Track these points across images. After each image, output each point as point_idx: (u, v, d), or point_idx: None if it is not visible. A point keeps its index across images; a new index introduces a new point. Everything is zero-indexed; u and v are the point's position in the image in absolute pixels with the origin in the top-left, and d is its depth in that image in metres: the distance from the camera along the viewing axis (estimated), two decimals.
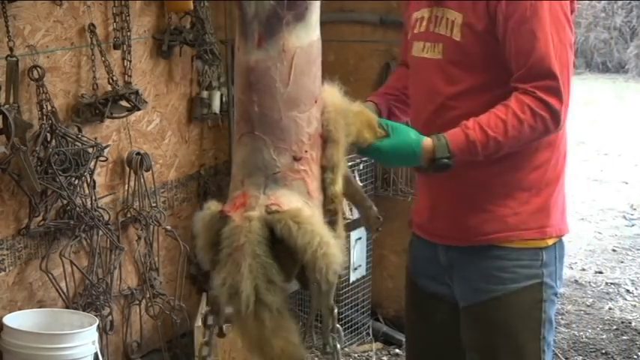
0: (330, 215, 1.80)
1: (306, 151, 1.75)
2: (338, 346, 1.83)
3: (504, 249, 2.19)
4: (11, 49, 3.08)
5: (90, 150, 3.37)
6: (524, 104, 2.04)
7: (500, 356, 2.23)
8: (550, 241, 2.22)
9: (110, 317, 3.56)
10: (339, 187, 1.82)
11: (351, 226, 3.72)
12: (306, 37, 1.73)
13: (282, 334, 1.71)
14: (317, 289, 1.76)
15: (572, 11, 2.15)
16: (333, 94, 1.87)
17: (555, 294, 2.26)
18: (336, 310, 1.81)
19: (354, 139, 1.94)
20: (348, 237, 3.92)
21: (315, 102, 1.77)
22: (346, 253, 4.18)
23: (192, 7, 3.77)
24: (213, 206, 1.77)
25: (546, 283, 2.21)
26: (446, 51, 2.16)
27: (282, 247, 1.70)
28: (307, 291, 1.85)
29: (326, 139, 1.80)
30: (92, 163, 3.40)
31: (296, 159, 1.74)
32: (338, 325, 1.83)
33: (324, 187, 1.80)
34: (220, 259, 1.70)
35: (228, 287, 1.66)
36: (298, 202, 1.72)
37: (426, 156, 2.04)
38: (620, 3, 13.62)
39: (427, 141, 2.04)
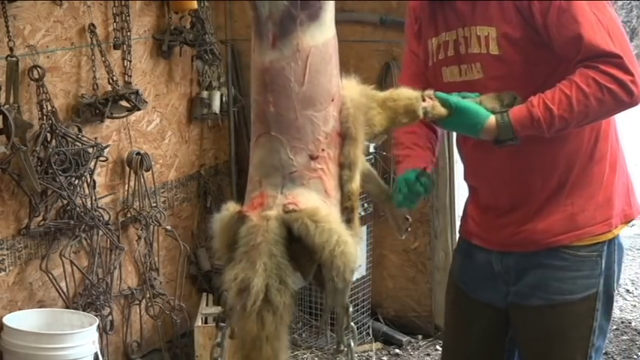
0: (347, 213, 1.80)
1: (323, 150, 1.75)
2: (352, 344, 1.84)
3: (566, 255, 2.18)
4: (11, 49, 3.08)
5: (90, 150, 3.37)
6: (589, 77, 1.96)
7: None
8: (616, 231, 2.25)
9: (110, 317, 3.56)
10: (356, 184, 1.81)
11: None
12: (321, 36, 1.73)
13: (275, 342, 1.70)
14: (332, 288, 1.76)
15: None
16: (352, 89, 1.85)
17: (610, 299, 2.27)
18: (351, 309, 1.82)
19: (390, 124, 1.92)
20: None
21: (332, 100, 1.77)
22: None
23: (196, 7, 3.78)
24: (231, 207, 1.77)
25: (602, 291, 2.22)
26: (486, 68, 2.11)
27: (300, 246, 1.70)
28: (324, 290, 1.84)
29: (344, 137, 1.80)
30: (92, 163, 3.40)
31: (313, 158, 1.74)
32: (352, 324, 1.83)
33: (342, 185, 1.79)
34: (235, 257, 1.70)
35: (240, 282, 1.66)
36: (316, 201, 1.72)
37: (489, 136, 2.01)
38: (620, 3, 13.62)
39: (491, 121, 2.00)
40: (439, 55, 2.20)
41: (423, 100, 1.97)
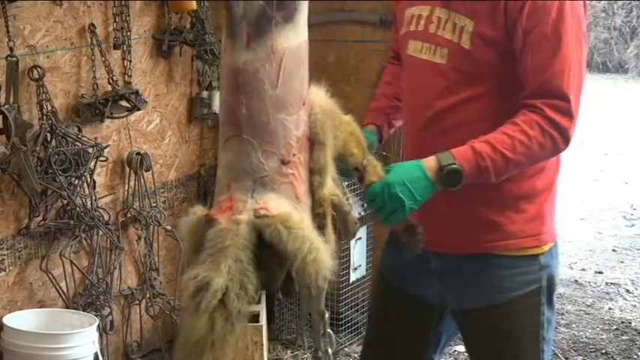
0: (320, 219, 1.78)
1: (294, 155, 1.73)
2: (330, 350, 1.82)
3: (502, 257, 2.18)
4: (11, 49, 3.08)
5: (90, 150, 3.37)
6: (533, 122, 1.99)
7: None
8: (546, 247, 2.21)
9: (110, 317, 3.56)
10: (327, 190, 1.79)
11: None
12: (295, 38, 1.71)
13: (219, 350, 1.64)
14: (307, 294, 1.75)
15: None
16: (320, 96, 1.84)
17: (553, 291, 2.26)
18: (327, 315, 1.80)
19: (341, 150, 1.90)
20: None
21: (303, 104, 1.75)
22: (346, 253, 4.19)
23: (195, 7, 3.77)
24: (199, 210, 1.75)
25: (544, 286, 2.22)
26: (451, 57, 2.10)
27: (268, 252, 1.67)
28: (288, 297, 1.83)
29: (313, 142, 1.78)
30: (92, 163, 3.40)
31: (284, 162, 1.71)
32: (329, 330, 1.81)
33: (312, 191, 1.77)
34: (199, 258, 1.66)
35: (199, 280, 1.62)
36: (287, 207, 1.70)
37: (431, 169, 1.96)
38: (620, 3, 13.62)
39: (428, 159, 1.99)
40: (410, 26, 2.20)
41: (362, 166, 1.95)
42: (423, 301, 2.29)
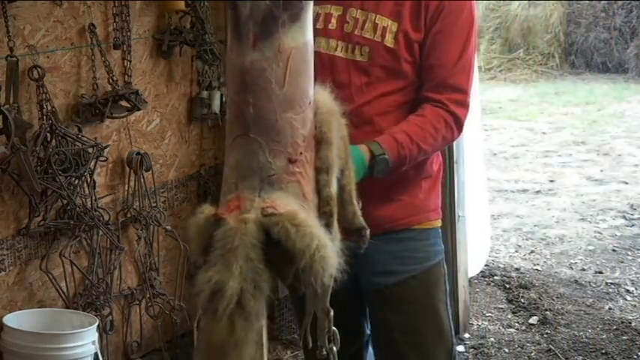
0: (326, 218, 1.79)
1: (301, 153, 1.74)
2: (335, 349, 1.82)
3: (415, 230, 2.40)
4: (11, 49, 3.08)
5: (90, 150, 3.37)
6: (440, 116, 2.25)
7: (422, 331, 2.42)
8: (439, 222, 2.49)
9: (110, 317, 3.56)
10: (334, 188, 1.80)
11: None
12: (301, 37, 1.72)
13: (243, 350, 1.66)
14: (312, 293, 1.75)
15: None
16: (324, 95, 1.86)
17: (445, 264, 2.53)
18: (332, 313, 1.80)
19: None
20: None
21: (310, 103, 1.76)
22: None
23: (183, 7, 3.77)
24: (206, 210, 1.76)
25: (444, 258, 2.49)
26: (374, 55, 2.27)
27: (277, 250, 1.67)
28: (294, 294, 1.83)
29: (319, 141, 1.79)
30: (92, 163, 3.40)
31: (291, 161, 1.72)
32: (334, 328, 1.82)
33: (319, 190, 1.78)
34: (210, 260, 1.67)
35: (213, 284, 1.63)
36: (294, 205, 1.70)
37: (367, 158, 2.15)
38: (620, 3, 13.60)
39: (362, 146, 2.15)
40: (319, 24, 2.32)
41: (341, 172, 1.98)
42: (342, 287, 2.37)
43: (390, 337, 2.44)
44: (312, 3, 1.75)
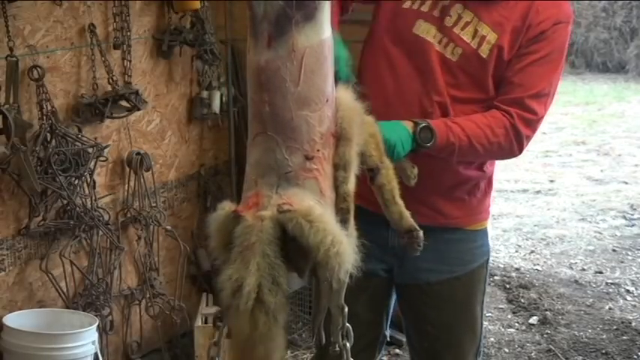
0: (343, 214, 1.80)
1: (318, 150, 1.75)
2: (348, 345, 1.84)
3: (466, 232, 2.40)
4: (11, 49, 3.08)
5: (90, 150, 3.37)
6: (502, 124, 2.21)
7: (455, 328, 2.44)
8: (488, 222, 2.49)
9: (110, 317, 3.56)
10: (352, 185, 1.81)
11: None
12: (316, 36, 1.73)
13: (269, 343, 1.69)
14: (327, 288, 1.76)
15: None
16: (346, 93, 1.87)
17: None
18: (346, 309, 1.82)
19: (362, 148, 1.94)
20: None
21: (327, 101, 1.77)
22: None
23: (199, 7, 3.78)
24: (226, 207, 1.77)
25: (489, 259, 2.50)
26: (464, 59, 2.23)
27: (294, 245, 1.70)
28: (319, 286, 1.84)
29: (339, 137, 1.80)
30: (92, 163, 3.40)
31: (308, 158, 1.73)
32: (348, 324, 1.83)
33: (337, 186, 1.80)
34: (231, 257, 1.70)
35: (234, 281, 1.66)
36: (310, 201, 1.71)
37: (410, 126, 2.15)
38: (620, 3, 13.61)
39: (407, 121, 2.16)
40: (422, 6, 2.27)
41: (377, 169, 1.99)
42: (380, 275, 2.41)
43: (423, 329, 2.47)
44: (328, 3, 1.76)
